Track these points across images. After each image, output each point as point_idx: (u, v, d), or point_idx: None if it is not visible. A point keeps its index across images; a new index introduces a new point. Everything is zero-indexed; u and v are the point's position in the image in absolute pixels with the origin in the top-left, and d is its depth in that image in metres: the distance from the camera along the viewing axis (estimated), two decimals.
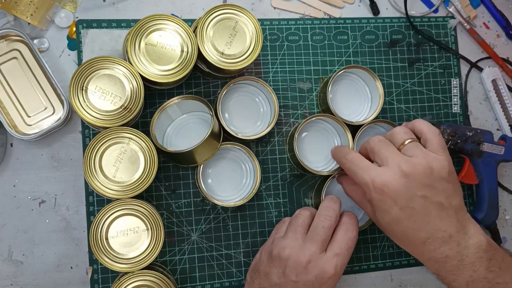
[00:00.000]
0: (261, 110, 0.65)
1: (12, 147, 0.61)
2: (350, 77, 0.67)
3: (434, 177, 0.51)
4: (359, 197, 0.58)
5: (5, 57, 0.58)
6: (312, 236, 0.54)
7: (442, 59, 0.72)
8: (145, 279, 0.55)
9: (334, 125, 0.65)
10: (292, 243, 0.54)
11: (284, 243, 0.54)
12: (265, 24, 0.67)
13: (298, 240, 0.54)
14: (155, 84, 0.58)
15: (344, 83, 0.67)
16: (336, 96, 0.67)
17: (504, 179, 0.73)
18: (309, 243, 0.53)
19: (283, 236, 0.55)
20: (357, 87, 0.68)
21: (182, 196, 0.63)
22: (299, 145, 0.65)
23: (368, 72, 0.64)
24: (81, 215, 0.61)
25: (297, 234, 0.54)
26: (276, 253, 0.54)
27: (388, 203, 0.51)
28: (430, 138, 0.54)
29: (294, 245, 0.53)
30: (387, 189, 0.51)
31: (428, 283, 0.69)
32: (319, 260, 0.52)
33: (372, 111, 0.65)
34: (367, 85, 0.67)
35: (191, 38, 0.57)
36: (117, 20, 0.63)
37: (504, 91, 0.72)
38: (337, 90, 0.67)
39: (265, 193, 0.65)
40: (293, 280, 0.52)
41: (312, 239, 0.53)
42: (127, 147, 0.55)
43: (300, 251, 0.53)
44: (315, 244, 0.53)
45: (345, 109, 0.67)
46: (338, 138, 0.66)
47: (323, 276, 0.52)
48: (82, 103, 0.54)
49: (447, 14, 0.73)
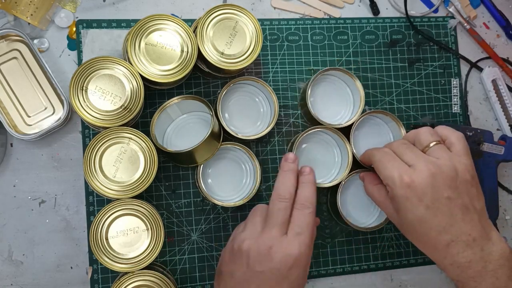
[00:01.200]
0: (261, 110, 0.65)
1: (12, 147, 0.61)
2: (330, 79, 0.67)
3: (459, 180, 0.51)
4: (381, 197, 0.56)
5: (5, 57, 0.58)
6: (270, 221, 0.51)
7: (442, 59, 0.72)
8: (145, 279, 0.55)
9: (333, 136, 0.64)
10: (251, 233, 0.51)
11: (243, 236, 0.52)
12: (265, 24, 0.67)
13: (257, 230, 0.52)
14: (155, 84, 0.58)
15: (325, 85, 0.67)
16: (316, 98, 0.66)
17: (504, 179, 0.73)
18: (268, 228, 0.51)
19: (242, 230, 0.53)
20: (338, 89, 0.67)
21: (182, 196, 0.63)
22: (299, 157, 0.64)
23: (347, 74, 0.63)
24: (81, 215, 0.61)
25: (256, 224, 0.52)
26: (236, 247, 0.51)
27: (413, 201, 0.51)
28: (454, 142, 0.54)
29: (253, 235, 0.51)
30: (414, 186, 0.50)
31: (428, 283, 0.69)
32: (281, 244, 0.49)
33: (354, 113, 0.64)
34: (348, 87, 0.66)
35: (191, 38, 0.57)
36: (117, 20, 0.63)
37: (504, 91, 0.72)
38: (318, 93, 0.66)
39: (265, 193, 0.65)
40: (258, 270, 0.49)
41: (269, 224, 0.51)
42: (127, 147, 0.55)
43: (260, 239, 0.50)
44: (274, 228, 0.50)
45: (325, 111, 0.66)
46: (338, 149, 0.65)
47: (288, 259, 0.49)
48: (82, 103, 0.54)
49: (447, 14, 0.73)
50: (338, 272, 0.66)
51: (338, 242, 0.67)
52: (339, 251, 0.66)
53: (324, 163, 0.65)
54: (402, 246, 0.68)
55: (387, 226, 0.68)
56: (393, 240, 0.68)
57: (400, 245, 0.68)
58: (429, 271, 0.69)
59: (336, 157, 0.66)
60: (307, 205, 0.52)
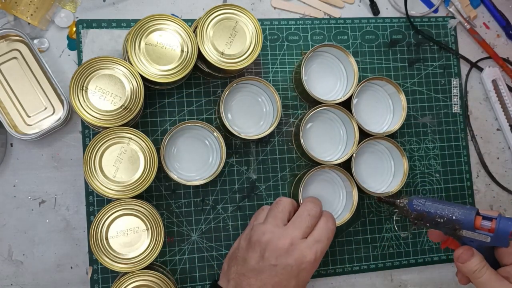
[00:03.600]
0: (264, 110, 0.65)
1: (12, 147, 0.61)
2: (323, 56, 0.67)
3: None
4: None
5: (5, 57, 0.58)
6: (296, 222, 0.55)
7: (442, 59, 0.72)
8: (145, 279, 0.55)
9: (336, 112, 0.65)
10: (272, 228, 0.55)
11: (264, 228, 0.55)
12: (265, 24, 0.67)
13: (278, 226, 0.55)
14: (155, 84, 0.58)
15: (318, 63, 0.67)
16: (310, 76, 0.67)
17: (504, 179, 0.73)
18: (292, 228, 0.55)
19: (263, 222, 0.56)
20: (331, 65, 0.67)
21: (182, 196, 0.63)
22: (305, 136, 0.65)
23: (339, 49, 0.64)
24: (81, 215, 0.61)
25: (277, 220, 0.56)
26: (256, 238, 0.54)
27: None
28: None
29: (275, 230, 0.54)
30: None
31: (428, 283, 0.69)
32: (301, 244, 0.53)
33: (349, 86, 0.65)
34: (341, 62, 0.67)
35: (191, 38, 0.57)
36: (117, 20, 0.63)
37: (504, 91, 0.72)
38: (311, 71, 0.67)
39: (265, 193, 0.65)
40: (272, 263, 0.53)
41: (295, 224, 0.55)
42: (127, 147, 0.55)
43: (281, 235, 0.54)
44: (298, 230, 0.54)
45: (320, 88, 0.67)
46: (342, 124, 0.66)
47: (303, 260, 0.53)
48: (82, 103, 0.54)
49: (447, 14, 0.73)
50: (338, 272, 0.66)
51: (338, 242, 0.67)
52: (339, 251, 0.66)
53: (330, 140, 0.66)
54: (402, 246, 0.68)
55: (387, 226, 0.68)
56: (393, 240, 0.68)
57: (400, 245, 0.68)
58: (429, 271, 0.69)
59: (341, 132, 0.66)
60: (332, 222, 0.57)
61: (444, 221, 0.52)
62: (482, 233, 0.51)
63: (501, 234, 0.50)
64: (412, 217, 0.54)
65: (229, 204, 0.64)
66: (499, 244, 0.51)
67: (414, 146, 0.70)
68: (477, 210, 0.52)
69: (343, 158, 0.63)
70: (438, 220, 0.53)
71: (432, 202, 0.54)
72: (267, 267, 0.53)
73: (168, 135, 0.58)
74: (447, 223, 0.52)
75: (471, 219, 0.51)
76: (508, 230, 0.50)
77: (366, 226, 0.67)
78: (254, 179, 0.65)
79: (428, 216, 0.53)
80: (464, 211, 0.52)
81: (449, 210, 0.52)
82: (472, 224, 0.51)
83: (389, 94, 0.67)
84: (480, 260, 0.51)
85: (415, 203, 0.54)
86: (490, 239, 0.51)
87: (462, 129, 0.72)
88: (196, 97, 0.64)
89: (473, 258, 0.51)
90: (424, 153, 0.70)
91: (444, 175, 0.71)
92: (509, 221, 0.50)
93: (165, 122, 0.63)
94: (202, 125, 0.59)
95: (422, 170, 0.70)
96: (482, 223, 0.51)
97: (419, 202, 0.54)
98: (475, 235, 0.51)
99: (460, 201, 0.70)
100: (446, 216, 0.52)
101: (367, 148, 0.67)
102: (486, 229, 0.51)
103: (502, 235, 0.50)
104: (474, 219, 0.51)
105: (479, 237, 0.51)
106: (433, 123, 0.71)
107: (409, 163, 0.68)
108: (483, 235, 0.51)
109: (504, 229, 0.50)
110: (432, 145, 0.71)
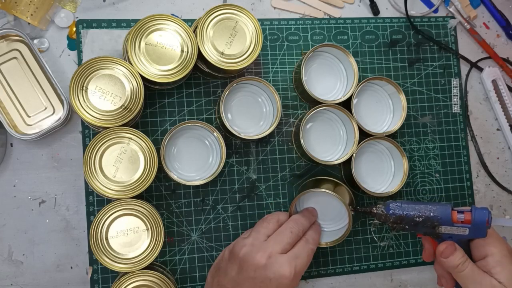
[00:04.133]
0: (264, 110, 0.65)
1: (12, 147, 0.61)
2: (323, 56, 0.67)
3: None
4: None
5: (5, 57, 0.58)
6: (277, 237, 0.56)
7: (442, 59, 0.72)
8: (145, 279, 0.55)
9: (336, 112, 0.65)
10: (253, 241, 0.55)
11: (245, 242, 0.56)
12: (265, 24, 0.67)
13: (259, 240, 0.56)
14: (155, 84, 0.58)
15: (318, 63, 0.67)
16: (311, 76, 0.67)
17: (504, 179, 0.73)
18: (272, 242, 0.55)
19: (246, 236, 0.57)
20: (331, 65, 0.67)
21: (182, 196, 0.63)
22: (305, 136, 0.65)
23: (339, 49, 0.64)
24: (81, 215, 0.61)
25: (259, 234, 0.57)
26: (236, 250, 0.55)
27: None
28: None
29: (254, 243, 0.55)
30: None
31: (428, 283, 0.69)
32: (279, 258, 0.54)
33: (349, 86, 0.65)
34: (341, 62, 0.67)
35: (191, 38, 0.57)
36: (117, 20, 0.63)
37: (504, 91, 0.72)
38: (311, 71, 0.67)
39: (265, 193, 0.65)
40: (251, 276, 0.53)
41: (276, 239, 0.56)
42: (127, 147, 0.55)
43: (260, 249, 0.54)
44: (278, 245, 0.55)
45: (320, 88, 0.67)
46: (342, 124, 0.66)
47: (281, 274, 0.53)
48: (82, 103, 0.54)
49: (447, 14, 0.73)
50: (338, 272, 0.66)
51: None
52: (339, 251, 0.66)
53: (330, 140, 0.66)
54: (402, 246, 0.68)
55: (387, 226, 0.68)
56: (393, 240, 0.68)
57: (400, 245, 0.68)
58: (429, 271, 0.69)
59: (341, 132, 0.66)
60: (312, 242, 0.58)
61: (422, 220, 0.53)
62: (460, 226, 0.52)
63: (478, 224, 0.52)
64: (391, 222, 0.55)
65: (229, 204, 0.64)
66: (478, 235, 0.52)
67: (414, 146, 0.70)
68: (452, 205, 0.54)
69: (343, 158, 0.63)
70: (417, 220, 0.54)
71: (408, 203, 0.55)
72: (246, 279, 0.53)
73: (168, 135, 0.58)
74: (426, 221, 0.53)
75: (448, 213, 0.53)
76: (484, 219, 0.52)
77: (366, 226, 0.67)
78: (254, 179, 0.65)
79: (407, 218, 0.54)
80: (440, 207, 0.53)
81: (426, 209, 0.54)
82: (449, 218, 0.53)
83: (389, 94, 0.68)
84: (462, 254, 0.53)
85: (392, 207, 0.55)
86: (468, 231, 0.52)
87: (462, 129, 0.72)
88: (196, 97, 0.64)
89: (456, 252, 0.52)
90: (424, 153, 0.70)
91: (444, 175, 0.71)
92: (483, 210, 0.52)
93: (165, 122, 0.63)
94: (202, 125, 0.59)
95: (422, 170, 0.70)
96: (458, 216, 0.53)
97: (395, 205, 0.55)
98: (454, 229, 0.53)
99: (460, 201, 0.70)
100: (424, 215, 0.53)
101: (367, 148, 0.67)
102: (463, 222, 0.52)
103: (479, 224, 0.52)
104: (451, 214, 0.53)
105: (458, 230, 0.53)
106: (433, 123, 0.71)
107: (409, 163, 0.68)
108: (461, 228, 0.52)
109: (480, 218, 0.52)
110: (432, 145, 0.71)
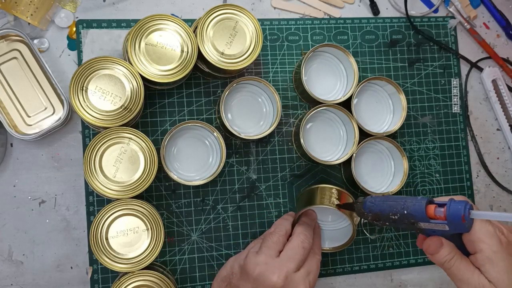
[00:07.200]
0: (264, 110, 0.65)
1: (12, 147, 0.61)
2: (323, 56, 0.67)
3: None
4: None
5: (5, 57, 0.58)
6: (291, 255, 0.55)
7: (442, 59, 0.72)
8: (145, 279, 0.55)
9: (336, 112, 0.65)
10: (266, 259, 0.54)
11: (258, 260, 0.55)
12: (265, 24, 0.67)
13: (272, 257, 0.55)
14: (155, 84, 0.58)
15: (318, 63, 0.67)
16: (310, 75, 0.67)
17: (504, 179, 0.73)
18: (287, 260, 0.54)
19: (257, 252, 0.56)
20: (331, 65, 0.67)
21: (182, 196, 0.63)
22: (305, 136, 0.65)
23: (339, 49, 0.64)
24: (81, 215, 0.61)
25: (271, 251, 0.55)
26: (250, 268, 0.54)
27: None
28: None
29: (268, 261, 0.54)
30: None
31: (428, 283, 0.69)
32: (295, 278, 0.54)
33: (349, 86, 0.65)
34: (341, 63, 0.67)
35: (191, 38, 0.57)
36: (117, 20, 0.63)
37: (504, 91, 0.72)
38: (311, 70, 0.67)
39: (265, 193, 0.65)
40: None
41: (289, 256, 0.55)
42: (127, 147, 0.55)
43: (275, 268, 0.53)
44: (293, 263, 0.54)
45: (320, 88, 0.67)
46: (342, 124, 0.66)
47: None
48: (82, 103, 0.54)
49: (447, 14, 0.73)
50: (338, 272, 0.66)
51: None
52: (339, 251, 0.66)
53: (330, 140, 0.66)
54: (402, 246, 0.68)
55: (387, 227, 0.68)
56: (393, 240, 0.68)
57: (400, 245, 0.68)
58: (429, 271, 0.69)
59: (341, 132, 0.66)
60: (318, 252, 0.59)
61: (398, 217, 0.49)
62: (439, 222, 0.46)
63: (453, 220, 0.45)
64: (370, 219, 0.52)
65: (229, 204, 0.64)
66: (460, 230, 0.47)
67: (414, 146, 0.70)
68: (427, 199, 0.48)
69: (343, 158, 0.63)
70: (393, 217, 0.49)
71: (383, 200, 0.51)
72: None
73: (168, 135, 0.58)
74: (402, 219, 0.48)
75: (422, 210, 0.47)
76: (459, 214, 0.45)
77: (366, 226, 0.67)
78: (254, 179, 0.65)
79: (383, 215, 0.50)
80: (415, 203, 0.48)
81: (401, 205, 0.49)
82: (424, 215, 0.47)
83: (389, 94, 0.68)
84: (449, 251, 0.48)
85: (367, 205, 0.52)
86: (448, 227, 0.46)
87: (462, 129, 0.72)
88: (196, 97, 0.64)
89: (442, 249, 0.48)
90: (424, 153, 0.70)
91: (444, 175, 0.71)
92: (459, 204, 0.45)
93: (165, 122, 0.63)
94: (202, 125, 0.59)
95: (422, 170, 0.70)
96: (436, 211, 0.46)
97: (370, 202, 0.51)
98: (433, 225, 0.47)
99: None
100: (398, 212, 0.49)
101: (367, 148, 0.67)
102: (441, 217, 0.46)
103: (455, 220, 0.45)
104: (425, 210, 0.47)
105: (437, 226, 0.47)
106: (433, 123, 0.71)
107: (409, 163, 0.68)
108: (440, 224, 0.46)
109: (455, 214, 0.45)
110: (432, 145, 0.71)
